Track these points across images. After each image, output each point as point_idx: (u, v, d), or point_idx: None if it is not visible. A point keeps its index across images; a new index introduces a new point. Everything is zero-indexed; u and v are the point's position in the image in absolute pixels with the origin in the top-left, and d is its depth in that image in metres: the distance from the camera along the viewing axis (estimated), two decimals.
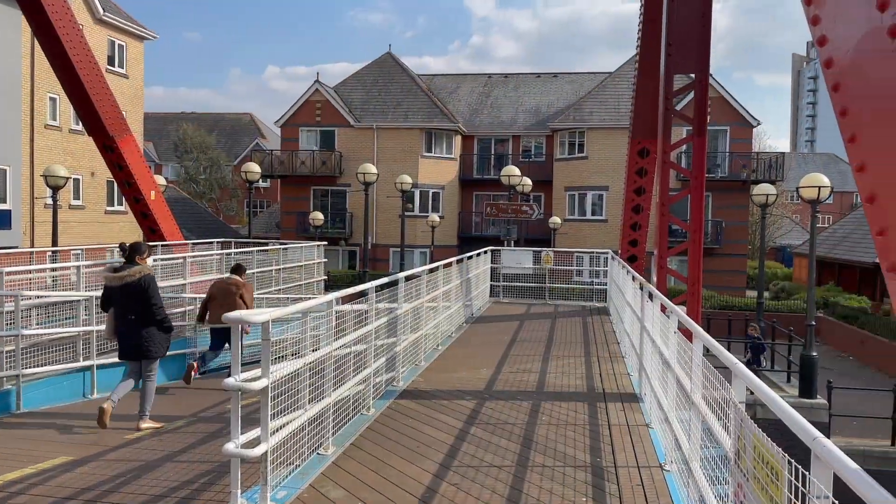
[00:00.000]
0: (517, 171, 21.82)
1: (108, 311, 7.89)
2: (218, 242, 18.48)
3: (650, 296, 8.06)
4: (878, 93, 2.56)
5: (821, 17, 3.12)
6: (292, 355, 5.41)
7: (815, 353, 15.41)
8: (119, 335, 7.75)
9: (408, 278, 8.96)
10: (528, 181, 26.17)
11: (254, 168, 22.35)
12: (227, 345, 10.38)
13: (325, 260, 19.85)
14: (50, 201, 19.30)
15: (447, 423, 6.92)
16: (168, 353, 8.45)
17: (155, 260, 12.72)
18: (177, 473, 5.88)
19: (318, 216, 34.25)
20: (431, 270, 10.77)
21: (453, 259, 13.07)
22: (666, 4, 11.14)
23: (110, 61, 29.51)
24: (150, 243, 15.92)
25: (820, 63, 3.11)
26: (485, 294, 17.31)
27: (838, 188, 60.97)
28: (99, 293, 8.38)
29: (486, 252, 17.33)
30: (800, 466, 2.59)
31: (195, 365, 10.09)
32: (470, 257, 14.94)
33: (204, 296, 10.71)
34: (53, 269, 13.71)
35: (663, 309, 6.89)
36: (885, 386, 16.55)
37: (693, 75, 11.78)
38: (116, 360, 8.40)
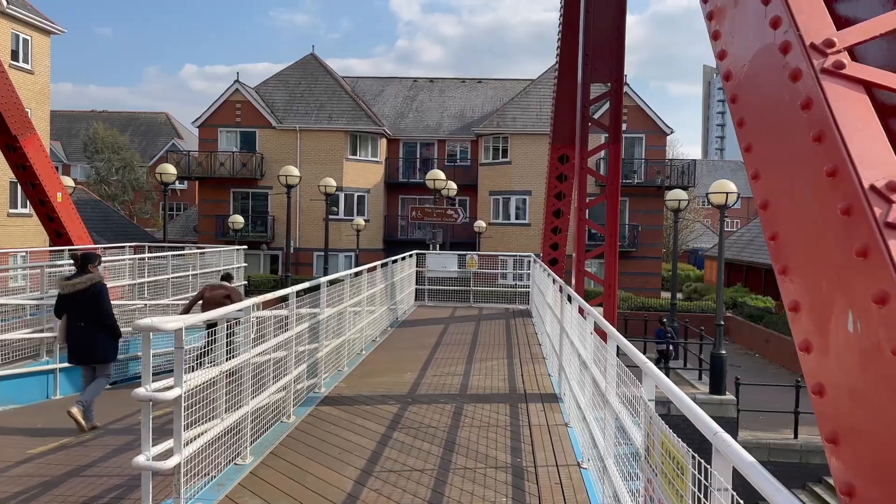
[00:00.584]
0: (442, 175, 21.95)
1: (60, 317, 8.21)
2: (130, 247, 17.74)
3: (569, 298, 8.26)
4: (770, 105, 2.71)
5: (721, 33, 3.29)
6: (208, 363, 5.25)
7: (723, 352, 16.16)
8: (70, 340, 8.06)
9: (331, 283, 8.87)
10: (453, 185, 26.40)
11: (169, 169, 21.59)
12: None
13: (246, 264, 19.38)
14: None
15: (370, 429, 6.87)
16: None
17: (60, 265, 12.10)
18: (83, 489, 5.61)
19: (238, 219, 33.40)
20: (356, 275, 10.70)
21: (378, 263, 13.01)
22: (583, 15, 11.48)
23: (14, 56, 27.89)
24: (55, 248, 15.14)
25: (720, 75, 3.27)
26: (410, 298, 17.31)
27: (745, 194, 64.20)
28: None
29: (411, 256, 17.34)
30: (702, 461, 2.71)
31: None
32: (395, 261, 14.92)
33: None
34: None
35: (581, 311, 7.08)
36: (789, 382, 17.53)
37: (609, 84, 12.19)
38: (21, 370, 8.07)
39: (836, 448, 2.02)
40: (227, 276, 11.41)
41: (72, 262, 9.12)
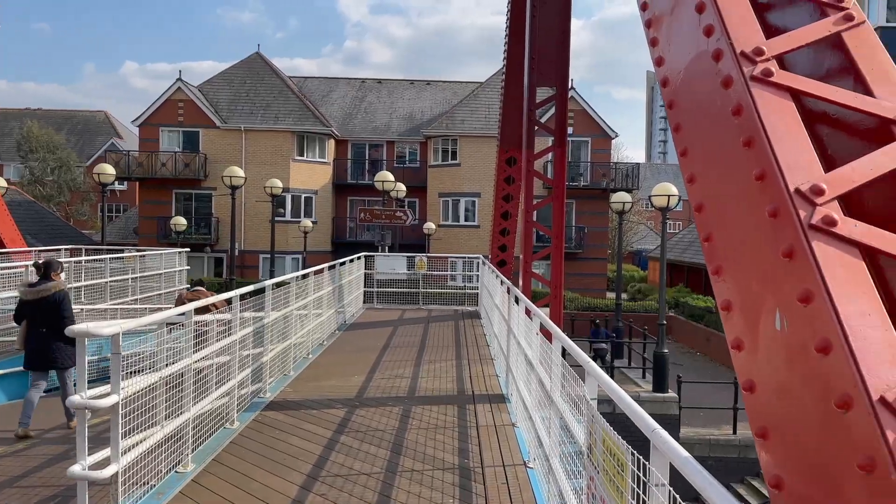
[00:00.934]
0: (391, 177, 21.88)
1: (20, 323, 8.30)
2: (66, 249, 17.10)
3: (516, 299, 8.34)
4: (704, 111, 2.80)
5: (658, 40, 3.38)
6: (148, 369, 5.11)
7: (666, 351, 16.56)
8: (28, 346, 8.10)
9: (277, 285, 8.74)
10: (402, 187, 26.31)
11: (108, 169, 20.92)
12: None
13: (189, 267, 18.91)
14: None
15: (316, 433, 6.80)
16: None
17: None
18: (16, 501, 5.38)
19: (180, 221, 32.59)
20: (302, 277, 10.57)
21: (325, 265, 12.89)
22: (529, 20, 11.63)
23: None
24: None
25: (658, 81, 3.36)
26: (358, 300, 17.20)
27: (686, 197, 65.79)
28: None
29: (359, 258, 17.23)
30: (641, 457, 2.77)
31: None
32: (343, 263, 14.79)
33: None
34: None
35: (528, 312, 7.16)
36: (729, 379, 18.06)
37: (555, 88, 12.38)
38: None
39: (765, 442, 2.09)
40: (201, 282, 11.22)
41: (34, 269, 9.20)
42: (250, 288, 7.84)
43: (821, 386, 1.82)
